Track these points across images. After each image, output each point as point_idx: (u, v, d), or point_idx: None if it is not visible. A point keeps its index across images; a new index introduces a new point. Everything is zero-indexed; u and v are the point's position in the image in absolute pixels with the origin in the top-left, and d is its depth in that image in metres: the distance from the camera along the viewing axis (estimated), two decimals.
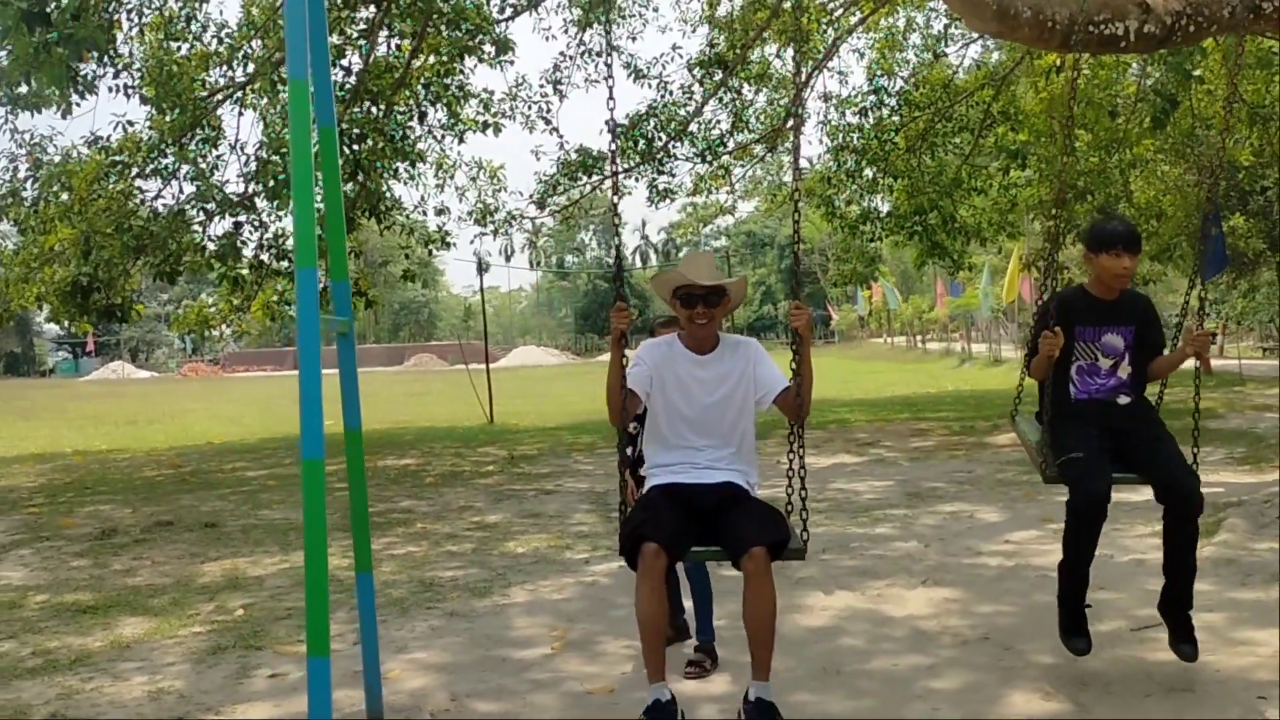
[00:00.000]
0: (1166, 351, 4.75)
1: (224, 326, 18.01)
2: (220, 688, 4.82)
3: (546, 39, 17.67)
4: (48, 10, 8.96)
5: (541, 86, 17.53)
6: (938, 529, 7.89)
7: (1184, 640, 4.35)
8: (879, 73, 18.40)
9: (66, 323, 14.72)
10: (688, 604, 5.11)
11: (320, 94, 3.21)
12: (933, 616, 5.51)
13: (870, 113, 18.23)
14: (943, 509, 8.74)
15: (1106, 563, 6.54)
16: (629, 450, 4.40)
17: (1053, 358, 4.43)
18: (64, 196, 13.39)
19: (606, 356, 4.18)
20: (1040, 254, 25.10)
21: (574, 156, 17.77)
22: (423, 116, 14.64)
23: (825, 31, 17.85)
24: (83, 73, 10.97)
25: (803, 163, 19.42)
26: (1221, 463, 10.68)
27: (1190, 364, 4.71)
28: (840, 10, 17.81)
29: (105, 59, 11.51)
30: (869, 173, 18.59)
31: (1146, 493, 4.54)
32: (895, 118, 18.17)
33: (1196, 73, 11.79)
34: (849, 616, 5.58)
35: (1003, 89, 17.37)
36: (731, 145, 18.77)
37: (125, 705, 4.63)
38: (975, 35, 17.94)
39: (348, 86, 13.21)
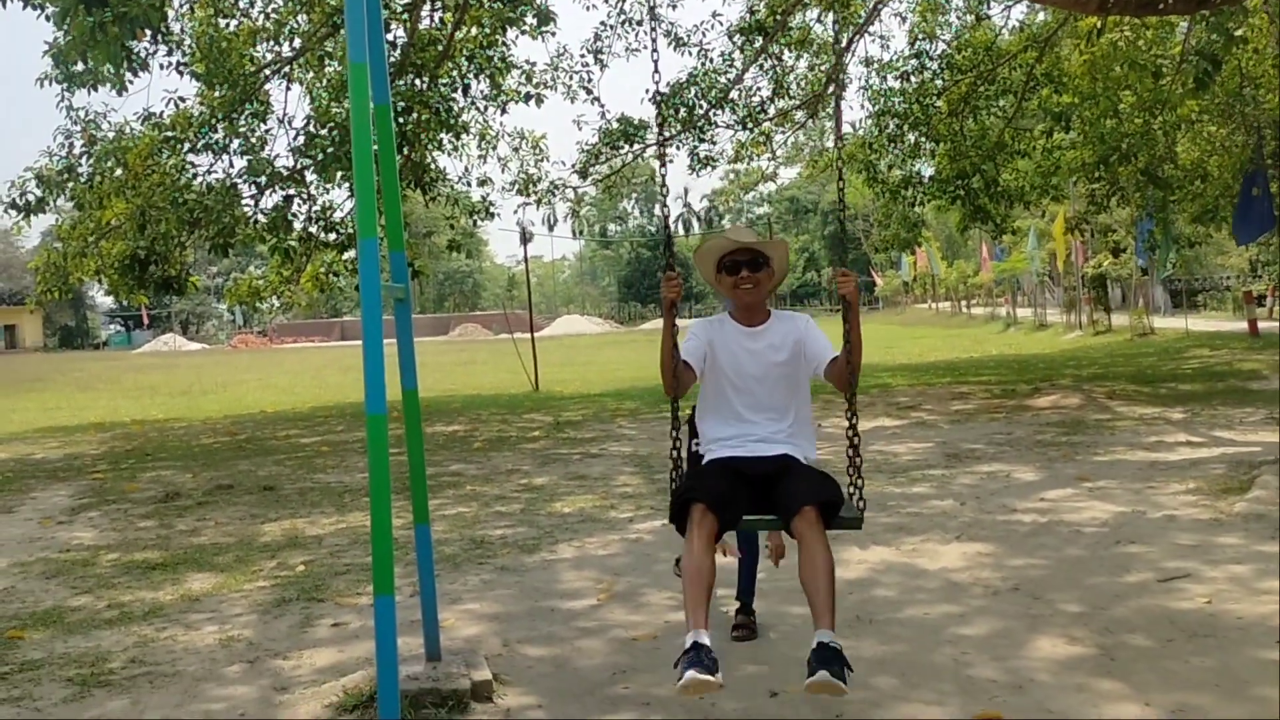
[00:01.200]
0: None
1: (274, 298, 18.41)
2: (286, 635, 5.12)
3: (587, 9, 17.77)
4: None
5: (583, 56, 17.65)
6: (974, 488, 8.04)
7: None
8: (921, 36, 18.34)
9: (124, 296, 15.14)
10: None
11: (376, 74, 3.42)
12: (965, 569, 5.69)
13: (912, 77, 18.20)
14: (980, 469, 8.89)
15: (1139, 519, 6.69)
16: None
17: None
18: (118, 172, 13.76)
19: (649, 325, 4.15)
20: (1083, 216, 24.93)
21: (615, 125, 17.94)
22: (466, 88, 14.84)
23: None
24: (136, 51, 11.27)
25: (845, 128, 19.42)
26: (1261, 423, 10.70)
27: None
28: None
29: (157, 37, 11.81)
30: (911, 137, 18.59)
31: (1182, 451, 4.56)
32: (938, 81, 18.14)
33: (1239, 32, 11.69)
34: (884, 570, 5.78)
35: (1046, 51, 17.28)
36: (772, 112, 18.81)
37: (199, 651, 4.93)
38: None
39: (392, 60, 13.44)
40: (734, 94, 18.09)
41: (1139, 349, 24.55)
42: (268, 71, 14.36)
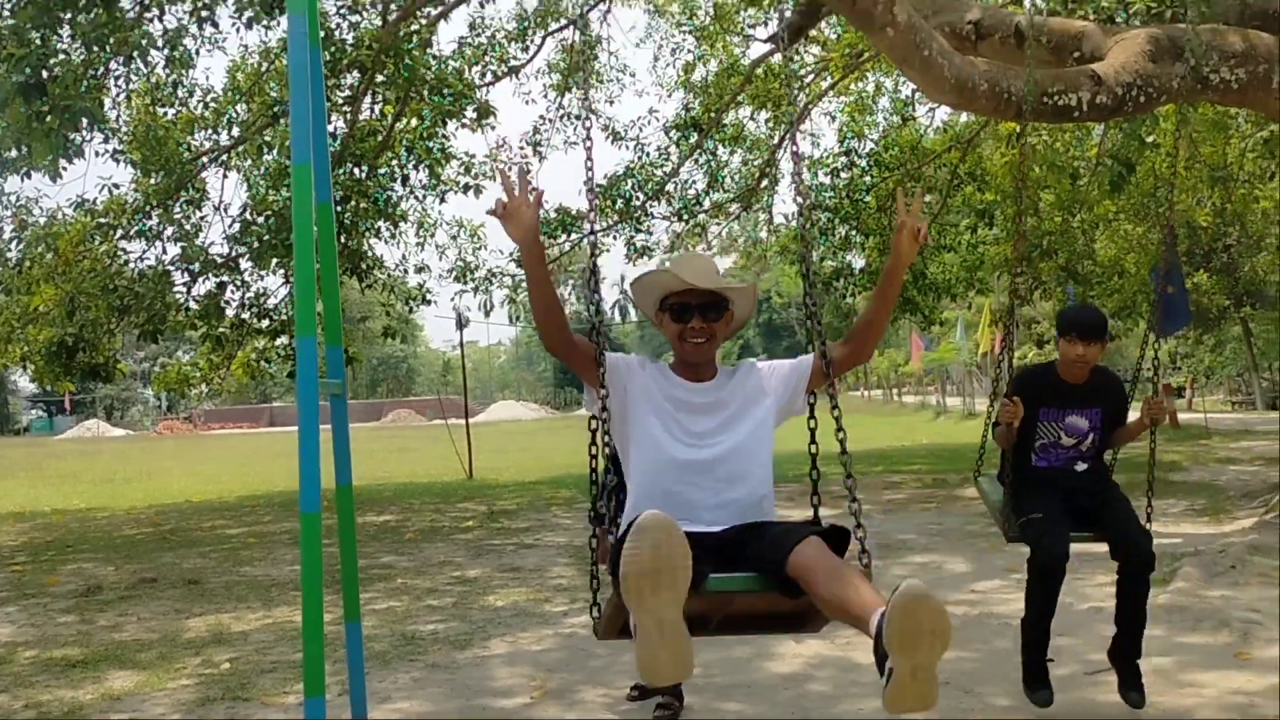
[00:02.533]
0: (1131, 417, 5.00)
1: (203, 385, 18.17)
2: None
3: (526, 103, 18.13)
4: (43, 81, 9.24)
5: (522, 148, 17.94)
6: (907, 579, 8.11)
7: (1132, 688, 4.69)
8: (850, 135, 18.92)
9: (49, 383, 14.86)
10: None
11: (319, 170, 3.49)
12: None
13: (842, 173, 18.73)
14: (913, 559, 8.98)
15: (1066, 610, 6.76)
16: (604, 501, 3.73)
17: (1013, 426, 4.68)
18: (49, 257, 13.61)
19: (584, 410, 3.30)
20: (1005, 310, 25.63)
21: (553, 215, 18.16)
22: (405, 178, 14.96)
23: (797, 96, 18.38)
24: (73, 139, 11.24)
25: (777, 219, 19.82)
26: (1182, 514, 10.97)
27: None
28: (812, 76, 18.36)
29: (94, 125, 11.80)
30: (842, 230, 19.04)
31: (1105, 546, 4.80)
32: (866, 178, 18.67)
33: (1151, 139, 12.26)
34: (818, 664, 5.80)
35: (969, 151, 17.92)
36: (707, 204, 19.21)
37: None
38: None
39: (332, 150, 13.53)
40: (670, 186, 18.47)
41: None
42: (205, 159, 14.37)
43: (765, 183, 19.58)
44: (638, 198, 18.16)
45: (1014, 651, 5.84)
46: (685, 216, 18.94)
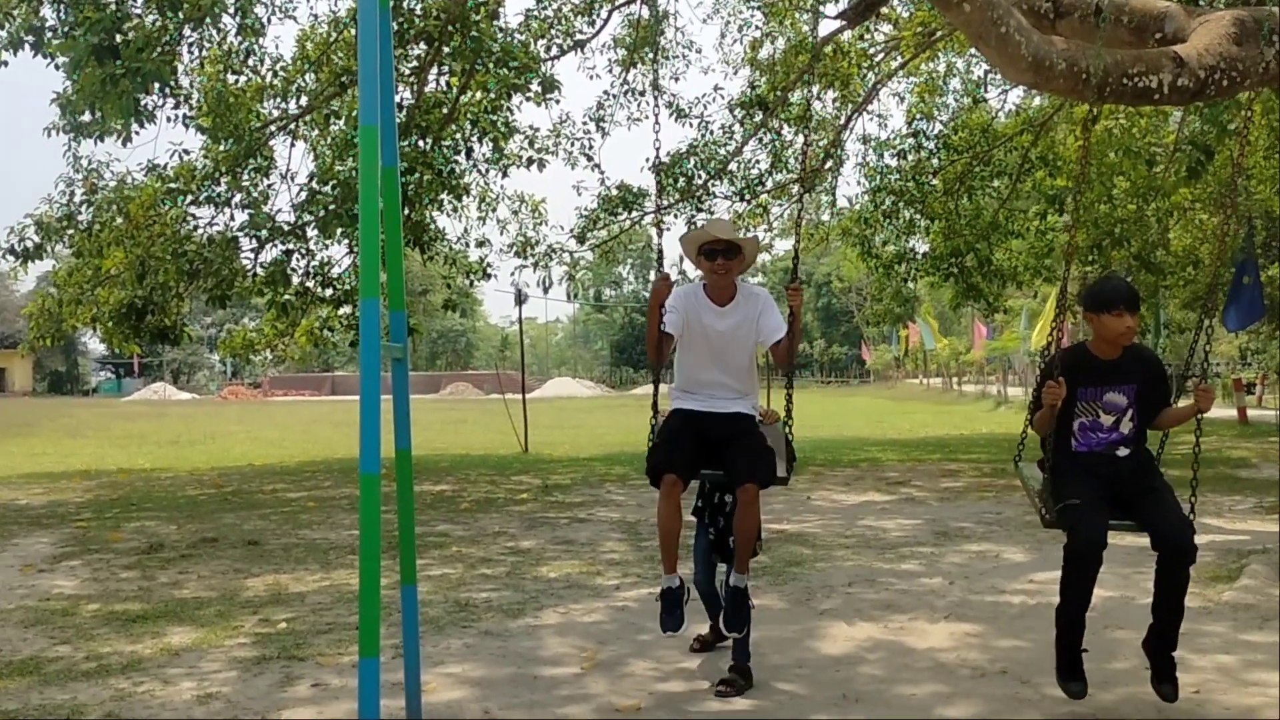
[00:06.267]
0: (1179, 404, 4.94)
1: (267, 351, 18.43)
2: (265, 694, 5.06)
3: (591, 78, 18.03)
4: (116, 44, 9.37)
5: (585, 124, 17.89)
6: (963, 567, 8.02)
7: (1165, 680, 4.56)
8: (918, 116, 18.62)
9: (118, 345, 15.13)
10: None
11: (386, 136, 3.48)
12: (952, 649, 5.66)
13: (909, 155, 18.45)
14: (969, 548, 8.86)
15: (1128, 604, 6.67)
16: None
17: (1055, 408, 4.64)
18: (119, 221, 13.85)
19: (640, 390, 4.62)
20: (1073, 300, 25.14)
21: (614, 192, 18.11)
22: (469, 151, 14.99)
23: (866, 75, 18.13)
24: (144, 103, 11.39)
25: (841, 202, 19.60)
26: (1250, 511, 10.72)
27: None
28: (881, 55, 18.10)
29: (165, 90, 11.95)
30: (906, 214, 18.78)
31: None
32: (934, 161, 18.38)
33: (1232, 125, 11.91)
34: (870, 647, 5.75)
35: (1042, 134, 17.56)
36: (770, 185, 19.02)
37: (176, 708, 4.87)
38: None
39: (399, 121, 13.60)
40: (733, 166, 18.31)
41: None
42: (273, 128, 14.51)
43: (830, 164, 19.35)
44: (700, 176, 18.02)
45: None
46: (747, 196, 18.76)
